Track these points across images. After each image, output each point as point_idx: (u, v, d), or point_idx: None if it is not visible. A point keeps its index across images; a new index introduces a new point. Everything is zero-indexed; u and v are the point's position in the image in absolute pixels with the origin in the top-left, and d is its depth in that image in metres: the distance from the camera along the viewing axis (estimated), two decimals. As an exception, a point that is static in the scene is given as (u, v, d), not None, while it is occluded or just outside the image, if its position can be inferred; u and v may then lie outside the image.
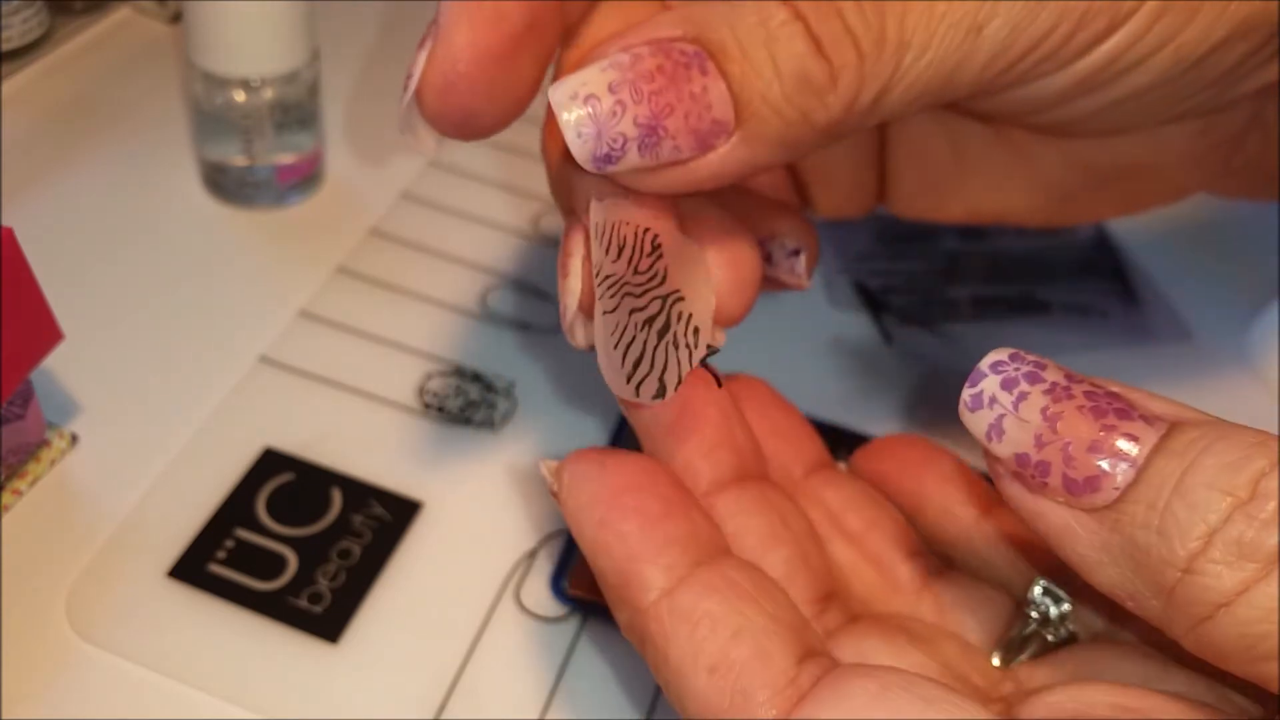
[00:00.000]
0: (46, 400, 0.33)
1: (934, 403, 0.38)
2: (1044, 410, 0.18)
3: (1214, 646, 0.17)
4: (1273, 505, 0.16)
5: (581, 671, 0.30)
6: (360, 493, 0.32)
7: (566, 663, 0.30)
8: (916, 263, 0.43)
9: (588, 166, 0.20)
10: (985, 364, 0.19)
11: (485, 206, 0.43)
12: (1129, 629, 0.23)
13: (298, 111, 0.39)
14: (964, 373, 0.20)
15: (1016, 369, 0.19)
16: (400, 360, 0.37)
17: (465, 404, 0.36)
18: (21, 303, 0.28)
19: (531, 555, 0.32)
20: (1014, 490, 0.19)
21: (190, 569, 0.30)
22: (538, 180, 0.44)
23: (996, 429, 0.19)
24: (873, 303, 0.41)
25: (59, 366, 0.34)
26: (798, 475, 0.27)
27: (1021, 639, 0.23)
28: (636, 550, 0.21)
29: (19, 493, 0.31)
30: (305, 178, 0.41)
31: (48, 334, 0.29)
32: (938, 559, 0.26)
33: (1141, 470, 0.18)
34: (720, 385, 0.24)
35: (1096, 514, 0.18)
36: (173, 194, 0.41)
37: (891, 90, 0.21)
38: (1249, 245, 0.46)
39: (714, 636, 0.20)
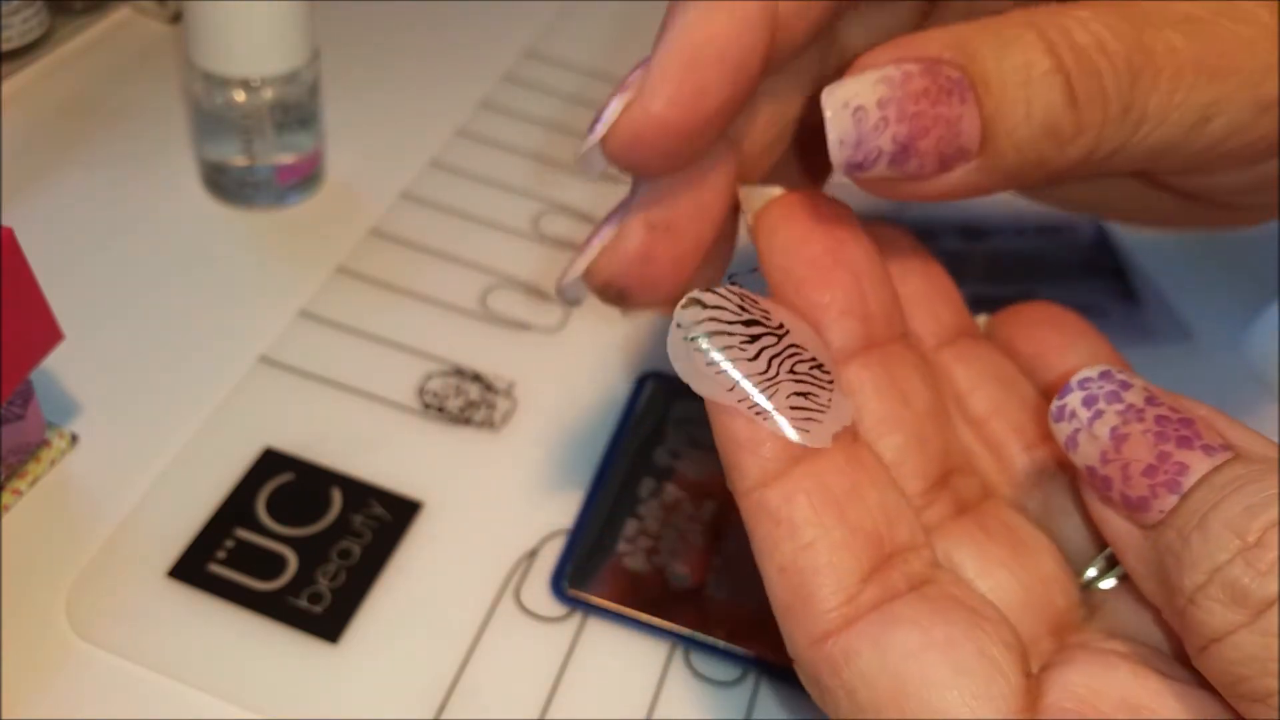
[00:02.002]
0: (46, 400, 0.33)
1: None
2: (1113, 430, 0.20)
3: (1210, 674, 0.19)
4: (1272, 556, 0.17)
5: (581, 671, 0.30)
6: (360, 493, 0.32)
7: (566, 663, 0.30)
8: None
9: (838, 169, 0.21)
10: (1074, 380, 0.21)
11: (485, 206, 0.43)
12: None
13: (298, 111, 0.39)
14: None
15: (1100, 387, 0.21)
16: (400, 360, 0.37)
17: (465, 404, 0.36)
18: (21, 303, 0.28)
19: (531, 555, 0.32)
20: (1087, 496, 0.21)
21: (190, 569, 0.30)
22: (538, 180, 0.44)
23: (1073, 441, 0.21)
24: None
25: (59, 366, 0.34)
26: (929, 346, 0.27)
27: (1109, 557, 0.23)
28: (742, 434, 0.21)
29: (19, 493, 0.31)
30: (305, 178, 0.41)
31: (48, 334, 0.29)
32: (1054, 456, 0.26)
33: (1183, 498, 0.19)
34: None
35: (1145, 531, 0.20)
36: (173, 194, 0.41)
37: (1119, 153, 0.22)
38: (1249, 245, 0.46)
39: (789, 541, 0.21)
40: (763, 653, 0.30)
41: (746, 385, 0.21)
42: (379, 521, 0.32)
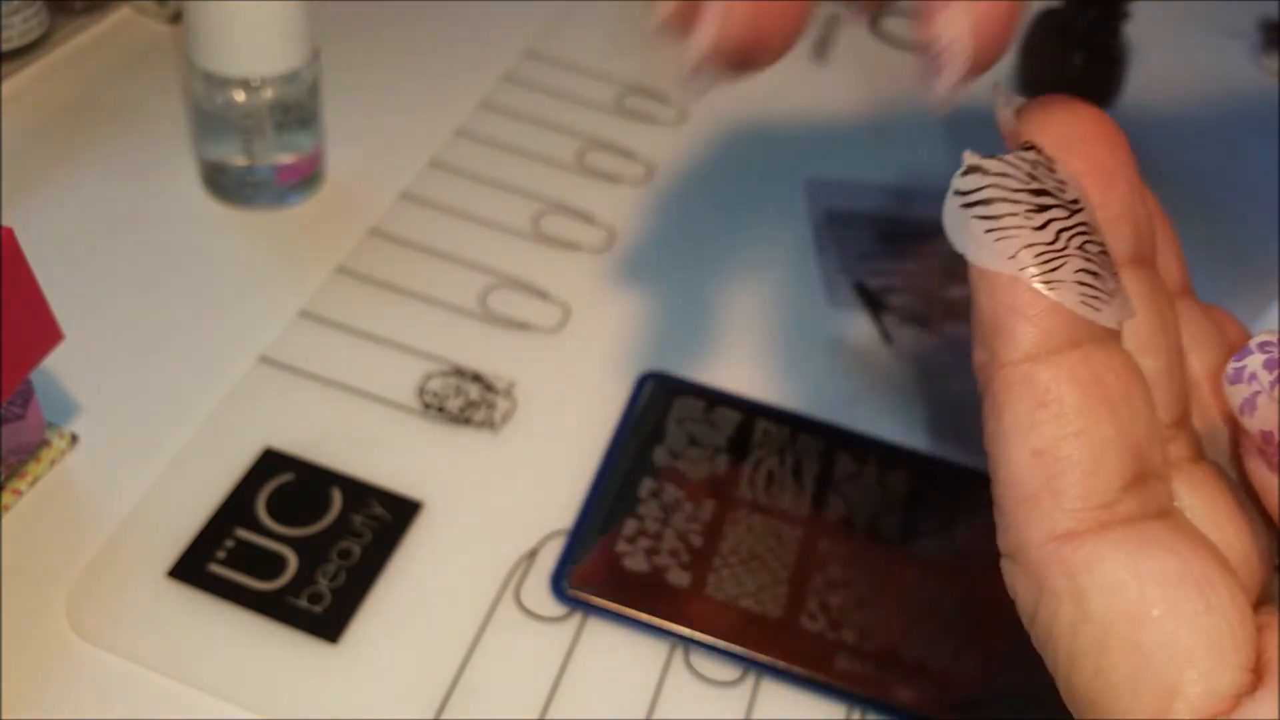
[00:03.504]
0: (46, 400, 0.33)
1: (934, 403, 0.38)
2: None
3: None
4: None
5: (581, 671, 0.30)
6: (360, 493, 0.32)
7: (566, 663, 0.30)
8: (916, 263, 0.43)
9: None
10: (1254, 342, 0.20)
11: (485, 206, 0.43)
12: None
13: (298, 111, 0.39)
14: (964, 373, 0.20)
15: None
16: (400, 360, 0.37)
17: (465, 404, 0.36)
18: (21, 303, 0.28)
19: (531, 555, 0.32)
20: (1255, 464, 0.20)
21: (190, 569, 0.30)
22: (538, 180, 0.44)
23: (1250, 404, 0.20)
24: (873, 303, 0.41)
25: (59, 366, 0.34)
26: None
27: None
28: (1021, 301, 0.20)
29: (19, 493, 0.31)
30: (305, 178, 0.41)
31: (48, 334, 0.29)
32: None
33: None
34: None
35: None
36: (173, 194, 0.41)
37: None
38: (1249, 245, 0.46)
39: (1055, 424, 0.19)
40: (762, 653, 0.30)
41: (1029, 255, 0.20)
42: (379, 521, 0.32)
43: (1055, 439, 0.19)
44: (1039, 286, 0.20)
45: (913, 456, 0.36)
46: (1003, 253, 0.20)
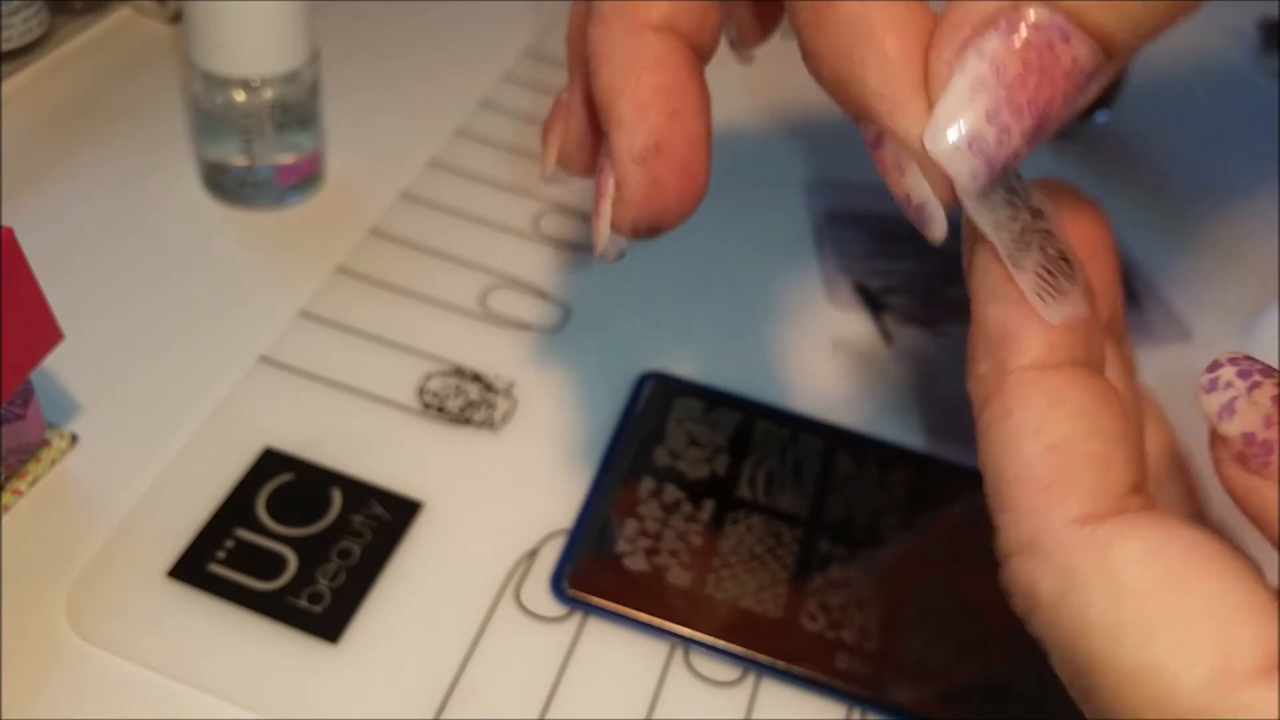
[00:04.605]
0: (46, 400, 0.33)
1: (934, 403, 0.38)
2: (1275, 398, 0.19)
3: None
4: None
5: (581, 671, 0.30)
6: (360, 493, 0.32)
7: (566, 663, 0.30)
8: (916, 263, 0.43)
9: (977, 215, 0.20)
10: (1224, 357, 0.20)
11: (485, 206, 0.43)
12: None
13: (298, 111, 0.39)
14: (964, 373, 0.20)
15: (1250, 365, 0.20)
16: (400, 360, 0.37)
17: (465, 404, 0.36)
18: (21, 303, 0.28)
19: (531, 555, 0.32)
20: (1232, 471, 0.20)
21: (190, 569, 0.30)
22: (538, 180, 0.44)
23: (1228, 409, 0.20)
24: (873, 303, 0.41)
25: (59, 366, 0.34)
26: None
27: None
28: (1023, 313, 0.20)
29: (19, 493, 0.31)
30: (305, 178, 0.41)
31: (48, 334, 0.29)
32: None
33: None
34: None
35: None
36: (172, 194, 0.41)
37: None
38: (1249, 245, 0.46)
39: (1070, 422, 0.20)
40: (762, 653, 0.30)
41: (996, 234, 0.20)
42: (379, 521, 0.32)
43: (1069, 436, 0.20)
44: (1042, 305, 0.20)
45: (913, 456, 0.36)
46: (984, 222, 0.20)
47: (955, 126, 0.18)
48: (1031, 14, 0.18)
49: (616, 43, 0.23)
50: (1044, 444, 0.20)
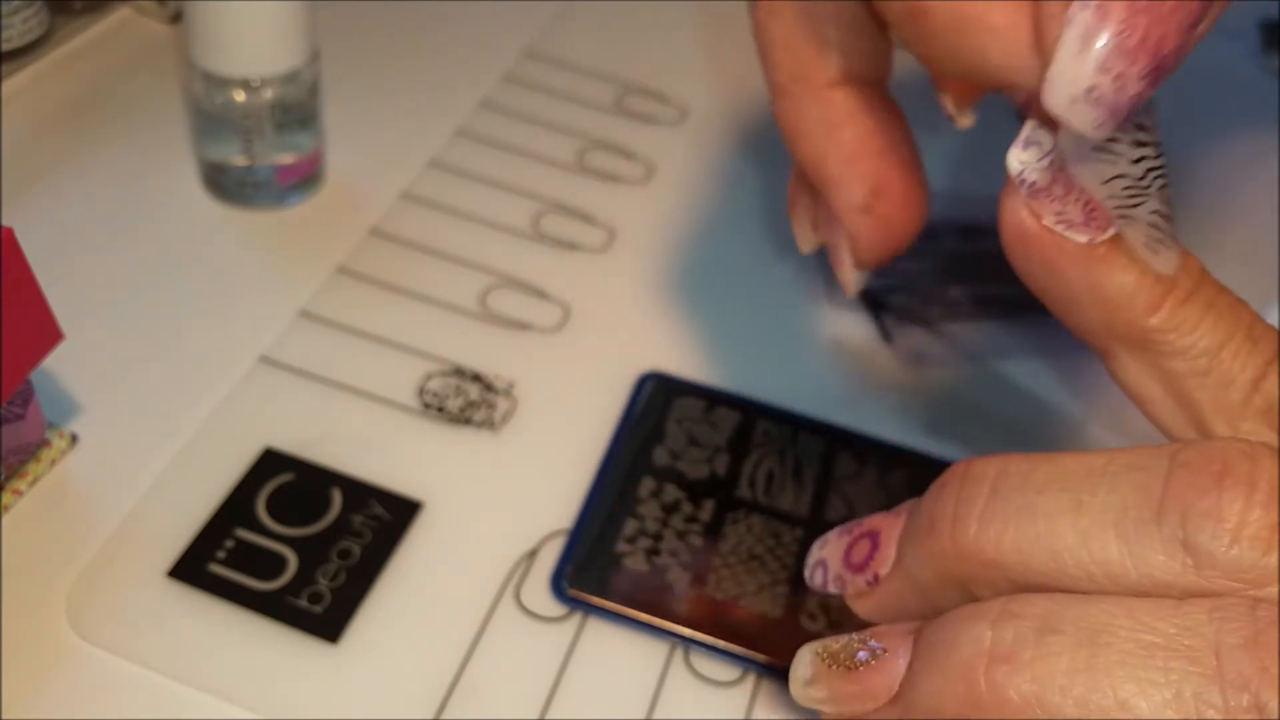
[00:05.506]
0: (46, 400, 0.33)
1: (934, 403, 0.38)
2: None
3: None
4: None
5: (581, 671, 0.30)
6: (360, 493, 0.32)
7: (566, 663, 0.30)
8: (916, 263, 0.43)
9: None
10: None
11: (485, 206, 0.43)
12: None
13: (298, 111, 0.39)
14: (964, 373, 0.20)
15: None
16: (400, 360, 0.37)
17: (465, 404, 0.36)
18: (21, 303, 0.28)
19: (531, 555, 0.32)
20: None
21: (190, 569, 0.30)
22: (538, 180, 0.44)
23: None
24: (873, 303, 0.41)
25: (59, 366, 0.34)
26: None
27: None
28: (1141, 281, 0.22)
29: (19, 493, 0.31)
30: (305, 178, 0.41)
31: (48, 334, 0.29)
32: None
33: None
34: None
35: None
36: (173, 194, 0.41)
37: None
38: (1249, 245, 0.46)
39: (1184, 359, 0.23)
40: (762, 653, 0.30)
41: (1119, 186, 0.20)
42: (379, 521, 0.32)
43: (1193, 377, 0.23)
44: (1152, 256, 0.22)
45: (913, 456, 0.36)
46: (1100, 175, 0.20)
47: (1071, 80, 0.18)
48: None
49: (805, 115, 0.25)
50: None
